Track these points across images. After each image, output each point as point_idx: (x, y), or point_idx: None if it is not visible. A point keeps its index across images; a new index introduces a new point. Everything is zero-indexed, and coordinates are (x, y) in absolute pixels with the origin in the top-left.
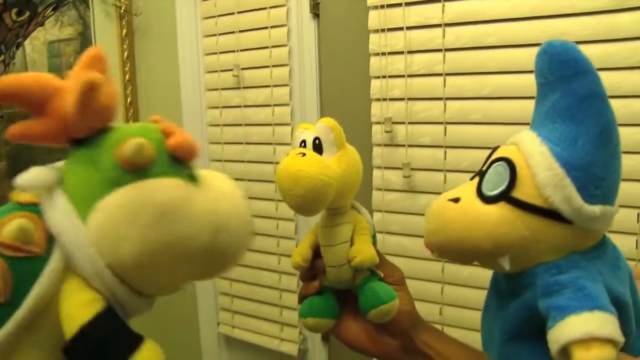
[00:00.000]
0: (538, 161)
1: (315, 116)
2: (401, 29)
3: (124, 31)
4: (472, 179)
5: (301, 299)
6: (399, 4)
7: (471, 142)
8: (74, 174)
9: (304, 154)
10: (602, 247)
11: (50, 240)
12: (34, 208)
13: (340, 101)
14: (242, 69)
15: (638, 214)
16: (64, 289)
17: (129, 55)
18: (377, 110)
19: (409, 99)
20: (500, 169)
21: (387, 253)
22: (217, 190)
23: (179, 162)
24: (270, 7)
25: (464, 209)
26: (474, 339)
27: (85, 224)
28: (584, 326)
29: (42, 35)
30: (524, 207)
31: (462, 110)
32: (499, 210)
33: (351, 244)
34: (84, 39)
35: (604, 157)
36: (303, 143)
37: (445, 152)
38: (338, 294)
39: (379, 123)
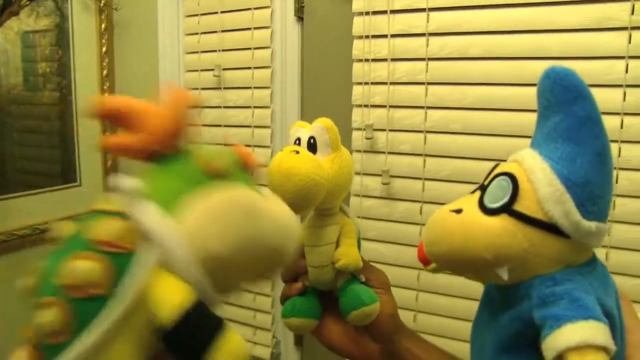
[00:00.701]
0: (539, 177)
1: (296, 119)
2: (385, 36)
3: (103, 25)
4: (472, 192)
5: (283, 299)
6: (384, 12)
7: (451, 151)
8: (158, 181)
9: (297, 152)
10: (593, 264)
11: (142, 240)
12: (118, 214)
13: (322, 106)
14: (224, 69)
15: (609, 227)
16: (157, 283)
17: (108, 51)
18: (358, 116)
19: (391, 106)
20: (503, 183)
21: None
22: (277, 202)
23: (249, 176)
24: (255, 8)
25: (466, 219)
26: (448, 346)
27: (176, 222)
28: (580, 334)
29: (16, 25)
30: (525, 220)
31: (443, 120)
32: (501, 222)
33: (336, 246)
34: (61, 31)
35: (601, 176)
36: (298, 141)
37: (425, 160)
38: (320, 295)
39: (359, 129)
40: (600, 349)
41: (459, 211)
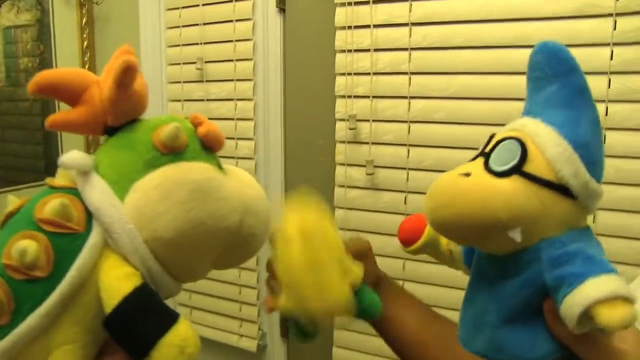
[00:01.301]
0: (546, 139)
1: (279, 112)
2: (368, 26)
3: (84, 19)
4: (472, 159)
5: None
6: (367, 2)
7: (434, 141)
8: (110, 158)
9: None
10: (589, 230)
11: (89, 219)
12: (70, 191)
13: (305, 97)
14: (206, 62)
15: (593, 215)
16: (102, 265)
17: (89, 45)
18: (341, 107)
19: (374, 96)
20: (511, 145)
21: None
22: (243, 179)
23: (208, 151)
24: (236, 0)
25: (478, 181)
26: None
27: (124, 202)
28: (608, 286)
29: None
30: (536, 180)
31: (426, 109)
32: (513, 183)
33: None
34: (42, 26)
35: (599, 141)
36: None
37: (409, 150)
38: None
39: (343, 120)
40: (628, 300)
41: (467, 174)
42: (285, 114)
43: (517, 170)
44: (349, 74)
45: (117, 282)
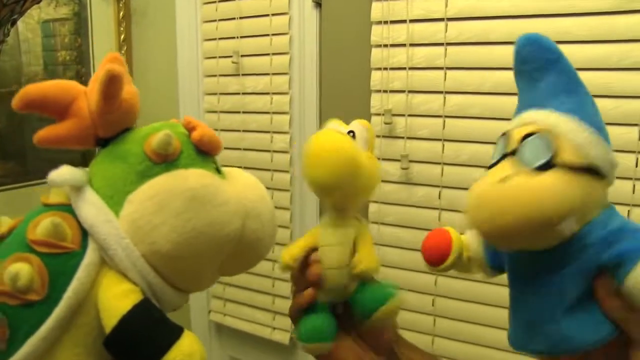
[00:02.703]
0: (568, 127)
1: (314, 106)
2: (404, 21)
3: (121, 13)
4: (491, 166)
5: (296, 312)
6: None
7: (469, 136)
8: (103, 171)
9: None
10: (611, 205)
11: (84, 236)
12: (63, 208)
13: (340, 92)
14: (242, 55)
15: (628, 211)
16: (101, 283)
17: (126, 39)
18: (377, 101)
19: (410, 91)
20: (537, 141)
21: (382, 244)
22: (243, 181)
23: (204, 155)
24: None
25: (523, 183)
26: (467, 330)
27: (118, 216)
28: None
29: (37, 14)
30: (574, 169)
31: (461, 105)
32: (555, 177)
33: (354, 251)
34: (80, 20)
35: (600, 117)
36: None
37: (444, 145)
38: (333, 311)
39: (378, 114)
40: None
41: (506, 179)
42: (320, 108)
43: (552, 163)
44: (385, 68)
45: (116, 300)
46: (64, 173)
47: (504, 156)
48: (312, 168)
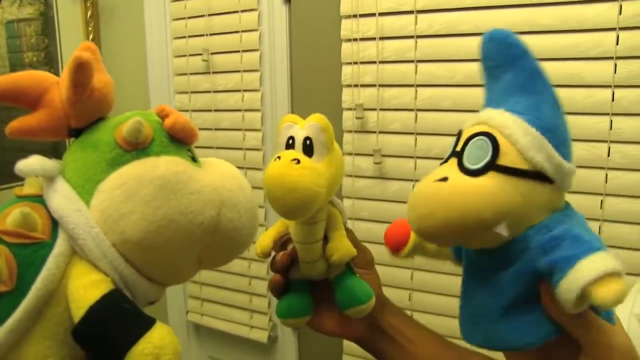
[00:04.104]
0: (514, 129)
1: (286, 102)
2: (373, 14)
3: (89, 12)
4: (442, 163)
5: (275, 289)
6: None
7: (442, 129)
8: (74, 160)
9: (298, 160)
10: (570, 207)
11: (55, 227)
12: (35, 199)
13: (311, 87)
14: (212, 53)
15: (601, 200)
16: (70, 274)
17: (94, 38)
18: (348, 96)
19: (380, 85)
20: (481, 142)
21: None
22: (221, 170)
23: (178, 143)
24: None
25: (458, 185)
26: (444, 324)
27: (89, 206)
28: (597, 266)
29: None
30: (512, 172)
31: (433, 98)
32: (491, 180)
33: (326, 239)
34: (46, 20)
35: (562, 119)
36: (291, 140)
37: (416, 139)
38: (312, 287)
39: (350, 109)
40: (617, 274)
41: (444, 179)
42: (292, 104)
43: (492, 165)
44: (355, 63)
45: (84, 290)
46: (32, 163)
47: (452, 155)
48: (272, 203)
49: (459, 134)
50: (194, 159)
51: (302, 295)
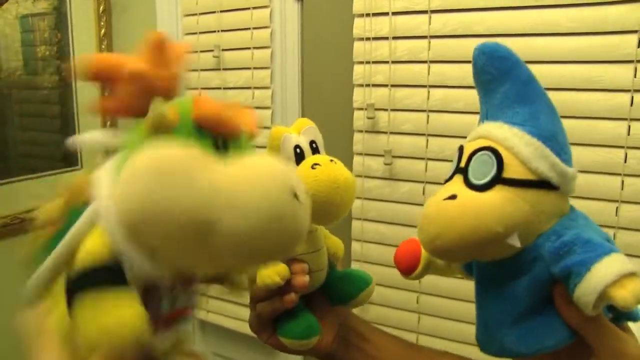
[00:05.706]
0: (515, 141)
1: (296, 100)
2: (386, 14)
3: (102, 7)
4: (447, 180)
5: (268, 319)
6: None
7: (453, 130)
8: (128, 137)
9: (332, 160)
10: (575, 211)
11: None
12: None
13: (322, 86)
14: (223, 50)
15: (617, 207)
16: (90, 235)
17: (106, 33)
18: (359, 96)
19: (392, 85)
20: (484, 157)
21: (365, 240)
22: (249, 170)
23: (204, 133)
24: None
25: (466, 202)
26: (451, 328)
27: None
28: (613, 268)
29: (15, 9)
30: (519, 184)
31: (445, 99)
32: (499, 194)
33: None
34: (59, 14)
35: (560, 125)
36: (298, 149)
37: (427, 140)
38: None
39: (361, 109)
40: (633, 275)
41: (453, 197)
42: (302, 102)
43: (498, 179)
44: (367, 62)
45: (85, 252)
46: (89, 137)
47: (456, 172)
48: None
49: (461, 150)
50: (220, 149)
51: (308, 312)
